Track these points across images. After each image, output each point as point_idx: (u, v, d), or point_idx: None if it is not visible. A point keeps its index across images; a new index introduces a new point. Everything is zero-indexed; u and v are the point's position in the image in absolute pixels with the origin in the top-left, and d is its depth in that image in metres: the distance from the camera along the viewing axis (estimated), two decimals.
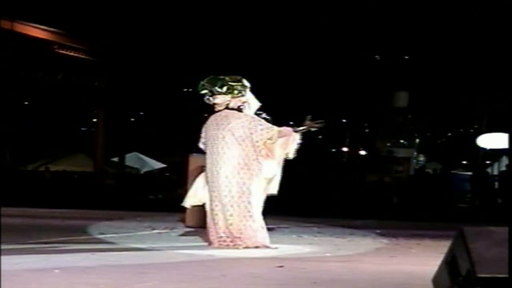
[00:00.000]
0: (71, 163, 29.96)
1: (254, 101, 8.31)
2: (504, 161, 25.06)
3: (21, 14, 23.65)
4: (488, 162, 29.32)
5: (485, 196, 22.73)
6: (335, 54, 32.94)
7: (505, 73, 24.07)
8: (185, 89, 32.44)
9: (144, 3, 28.72)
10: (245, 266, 6.51)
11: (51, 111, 34.49)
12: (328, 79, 33.63)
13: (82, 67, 26.44)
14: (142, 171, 31.80)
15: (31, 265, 6.04)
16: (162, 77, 32.46)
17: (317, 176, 24.26)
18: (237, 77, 8.26)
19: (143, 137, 36.19)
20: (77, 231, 9.81)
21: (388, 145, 32.27)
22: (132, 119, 39.01)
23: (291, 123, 8.46)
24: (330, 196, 21.42)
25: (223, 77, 8.24)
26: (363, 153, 36.89)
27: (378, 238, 9.97)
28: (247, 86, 8.25)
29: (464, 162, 38.84)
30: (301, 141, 8.15)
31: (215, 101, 8.18)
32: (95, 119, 30.90)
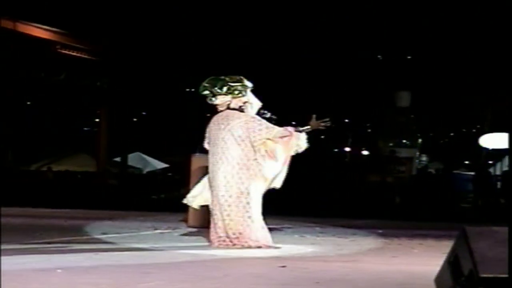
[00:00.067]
0: (74, 163, 29.93)
1: (255, 101, 8.30)
2: (506, 161, 25.01)
3: (23, 14, 23.66)
4: (490, 162, 29.27)
5: (487, 196, 22.74)
6: (337, 54, 32.91)
7: (506, 73, 24.06)
8: (187, 89, 32.42)
9: (145, 3, 28.71)
10: (247, 266, 6.52)
11: (54, 111, 34.53)
12: (330, 79, 33.60)
13: (84, 67, 26.47)
14: (144, 171, 31.78)
15: (34, 265, 6.05)
16: (164, 77, 32.45)
17: (319, 176, 24.25)
18: (238, 77, 8.24)
19: (145, 137, 36.19)
20: (79, 231, 9.82)
21: (390, 145, 32.25)
22: (134, 119, 39.06)
23: (293, 123, 8.45)
24: (332, 196, 21.42)
25: (223, 77, 8.23)
26: (365, 153, 36.87)
27: (380, 238, 9.96)
28: (247, 86, 8.22)
29: (466, 162, 38.81)
30: (308, 140, 8.15)
31: (216, 101, 8.18)
32: (97, 119, 30.93)
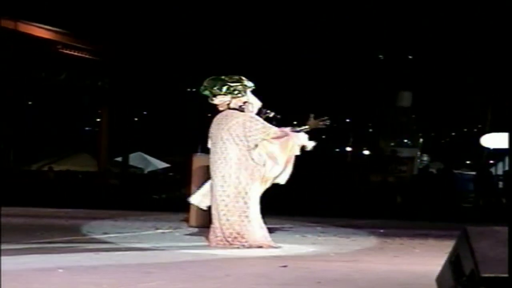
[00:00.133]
0: (75, 162, 29.93)
1: (255, 100, 8.28)
2: (507, 160, 25.00)
3: (25, 14, 23.66)
4: (491, 161, 29.27)
5: (488, 196, 22.73)
6: (338, 54, 32.91)
7: (506, 73, 24.04)
8: (189, 89, 32.43)
9: (145, 3, 28.71)
10: (249, 265, 6.51)
11: (54, 111, 34.54)
12: (331, 79, 33.60)
13: (85, 67, 26.46)
14: (146, 171, 31.79)
15: (34, 264, 6.05)
16: (165, 76, 32.46)
17: (320, 176, 24.22)
18: (237, 77, 8.23)
19: (146, 137, 36.20)
20: (80, 230, 9.82)
21: (391, 145, 32.25)
22: (135, 119, 39.07)
23: (294, 123, 8.45)
24: (333, 196, 21.38)
25: (223, 77, 8.22)
26: (366, 153, 36.86)
27: (381, 237, 9.96)
28: (247, 85, 8.20)
29: (467, 162, 38.80)
30: (313, 139, 8.14)
31: (215, 101, 8.18)
32: (98, 119, 30.93)
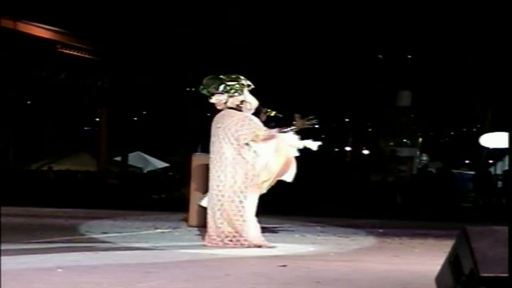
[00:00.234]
0: (74, 162, 29.92)
1: (252, 100, 8.25)
2: (507, 160, 25.00)
3: (24, 13, 23.65)
4: (491, 161, 29.25)
5: (488, 195, 22.73)
6: (337, 53, 32.90)
7: (506, 73, 24.04)
8: (188, 89, 32.43)
9: (145, 3, 28.70)
10: (248, 265, 6.52)
11: (54, 110, 34.52)
12: (330, 78, 33.59)
13: (85, 66, 26.45)
14: (145, 171, 31.77)
15: (34, 264, 6.06)
16: (165, 76, 32.45)
17: (320, 175, 24.20)
18: (235, 76, 8.22)
19: (146, 136, 36.20)
20: (80, 230, 9.83)
21: (391, 144, 32.24)
22: (135, 119, 39.06)
23: (294, 123, 8.43)
24: (333, 195, 21.37)
25: (221, 76, 8.21)
26: (366, 152, 36.85)
27: (381, 237, 9.96)
28: (245, 84, 8.18)
29: (467, 161, 38.79)
30: (299, 139, 8.12)
31: (212, 100, 8.18)
32: (98, 119, 30.92)
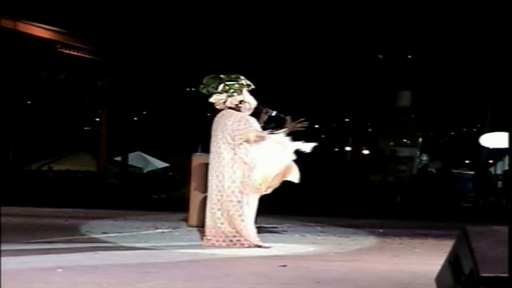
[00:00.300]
0: (74, 162, 29.92)
1: (251, 100, 8.23)
2: (507, 160, 25.00)
3: (24, 13, 23.65)
4: (491, 161, 29.25)
5: (488, 195, 22.74)
6: (337, 53, 32.90)
7: (506, 73, 24.04)
8: (188, 89, 32.43)
9: (145, 3, 28.70)
10: (248, 265, 6.52)
11: (54, 110, 34.52)
12: (330, 78, 33.60)
13: (85, 66, 26.45)
14: (145, 171, 31.77)
15: (34, 264, 6.05)
16: (165, 76, 32.45)
17: (320, 175, 24.20)
18: (234, 76, 8.21)
19: (146, 136, 36.20)
20: (80, 230, 9.82)
21: (391, 144, 32.26)
22: (135, 119, 39.06)
23: (285, 125, 8.41)
24: (333, 195, 21.38)
25: (221, 76, 8.20)
26: (366, 152, 36.86)
27: (381, 237, 9.96)
28: (244, 84, 8.17)
29: (467, 161, 38.79)
30: (290, 141, 8.09)
31: (211, 100, 8.17)
32: (98, 119, 30.92)
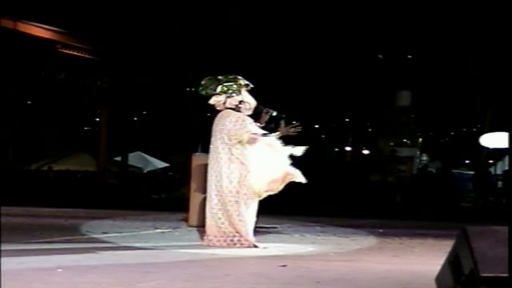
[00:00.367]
0: (74, 162, 29.91)
1: (250, 100, 8.23)
2: (507, 160, 25.00)
3: (24, 13, 23.64)
4: (491, 161, 29.25)
5: (487, 195, 22.73)
6: (337, 53, 32.91)
7: (506, 73, 24.04)
8: (188, 89, 32.43)
9: (145, 3, 28.70)
10: (248, 265, 6.52)
11: (54, 110, 34.51)
12: (330, 78, 33.60)
13: (85, 66, 26.44)
14: (145, 171, 31.76)
15: (34, 264, 6.06)
16: (165, 76, 32.46)
17: (319, 175, 24.20)
18: (233, 76, 8.21)
19: (146, 136, 36.19)
20: (80, 230, 9.82)
21: (391, 144, 32.26)
22: (135, 119, 39.06)
23: (294, 122, 8.43)
24: (332, 195, 21.37)
25: (219, 77, 8.20)
26: (366, 152, 36.85)
27: (381, 237, 9.96)
28: (243, 85, 8.17)
29: (467, 161, 38.79)
30: (282, 145, 8.08)
31: (211, 101, 8.17)
32: (98, 119, 30.91)
